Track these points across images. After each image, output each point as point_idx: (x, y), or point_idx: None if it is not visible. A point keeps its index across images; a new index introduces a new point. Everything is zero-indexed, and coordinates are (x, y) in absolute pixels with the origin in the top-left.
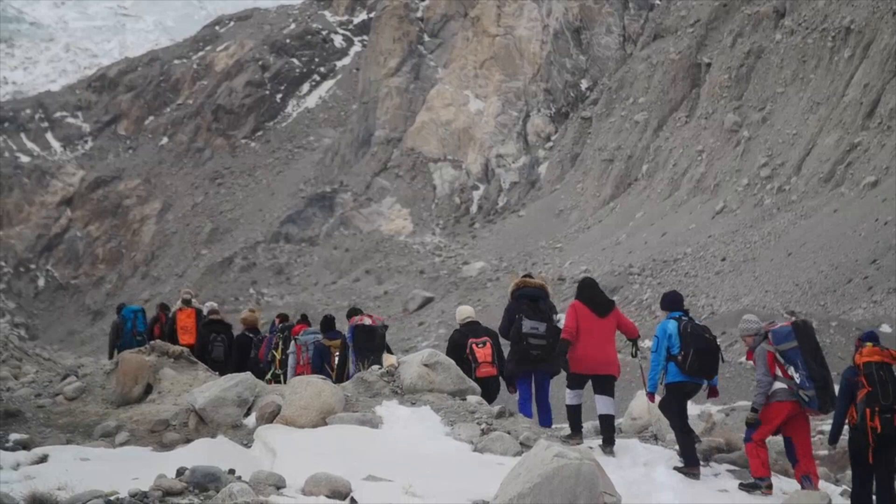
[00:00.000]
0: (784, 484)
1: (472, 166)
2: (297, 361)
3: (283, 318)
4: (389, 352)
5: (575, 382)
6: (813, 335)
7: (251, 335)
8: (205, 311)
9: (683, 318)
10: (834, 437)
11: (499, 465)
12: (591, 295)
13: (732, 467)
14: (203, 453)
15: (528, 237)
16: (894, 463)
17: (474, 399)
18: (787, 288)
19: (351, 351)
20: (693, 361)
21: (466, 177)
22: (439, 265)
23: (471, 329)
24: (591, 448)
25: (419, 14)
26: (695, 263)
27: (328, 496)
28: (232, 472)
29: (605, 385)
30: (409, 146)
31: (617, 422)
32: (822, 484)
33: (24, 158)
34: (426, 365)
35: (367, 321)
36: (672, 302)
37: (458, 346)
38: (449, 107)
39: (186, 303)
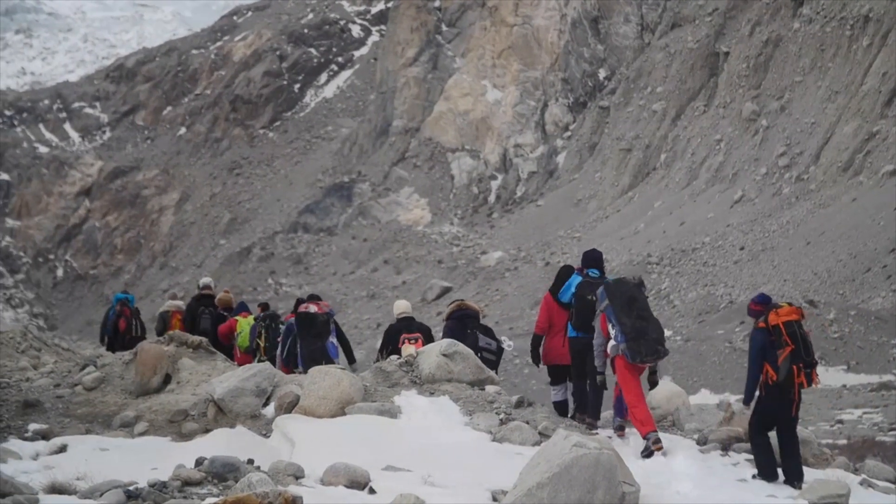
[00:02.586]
0: (806, 473)
1: (490, 156)
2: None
3: (265, 307)
4: (343, 338)
5: (554, 378)
6: (626, 290)
7: (225, 314)
8: (200, 285)
9: (591, 276)
10: (748, 397)
11: (517, 454)
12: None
13: (751, 456)
14: (222, 443)
15: (547, 227)
16: (798, 413)
17: (493, 389)
18: (805, 277)
19: (298, 336)
20: (577, 318)
21: (484, 166)
22: (457, 255)
23: (405, 324)
24: (609, 438)
25: (437, 3)
26: (713, 253)
27: (347, 486)
28: (251, 462)
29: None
30: (426, 136)
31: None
32: (840, 473)
33: (43, 149)
34: (445, 355)
35: (313, 308)
36: (590, 260)
37: (391, 339)
38: (467, 96)
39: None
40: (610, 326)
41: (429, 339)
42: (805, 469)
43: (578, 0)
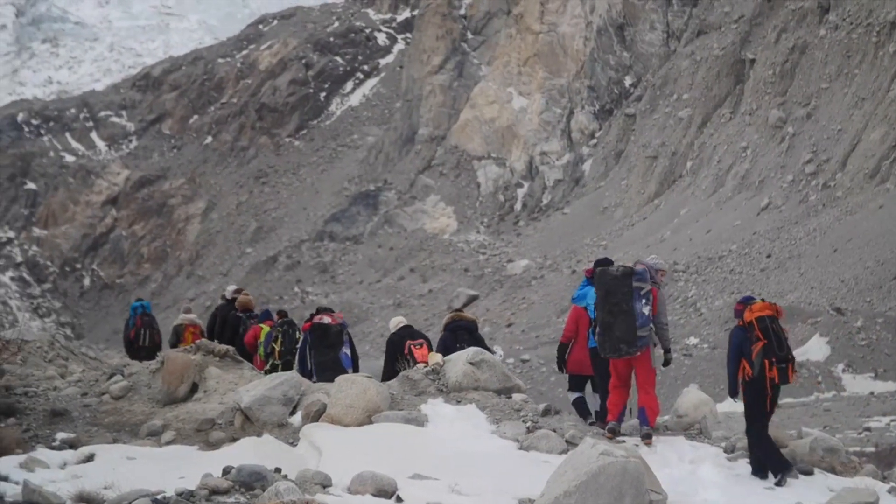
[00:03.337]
0: (831, 481)
1: (516, 164)
2: None
3: (283, 314)
4: (353, 349)
5: (574, 385)
6: (604, 282)
7: (241, 315)
8: (229, 292)
9: None
10: (732, 391)
11: (544, 462)
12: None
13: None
14: (249, 452)
15: (573, 235)
16: (774, 408)
17: (520, 397)
18: (832, 284)
19: (308, 345)
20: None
21: (510, 174)
22: (484, 263)
23: (407, 332)
24: (636, 446)
25: (462, 11)
26: (740, 260)
27: (374, 495)
28: (278, 470)
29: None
30: (452, 144)
31: (663, 419)
32: (869, 481)
33: (70, 158)
34: (471, 363)
35: (326, 320)
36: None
37: (396, 346)
38: (493, 104)
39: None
40: None
41: (430, 345)
42: (833, 477)
43: (604, 7)
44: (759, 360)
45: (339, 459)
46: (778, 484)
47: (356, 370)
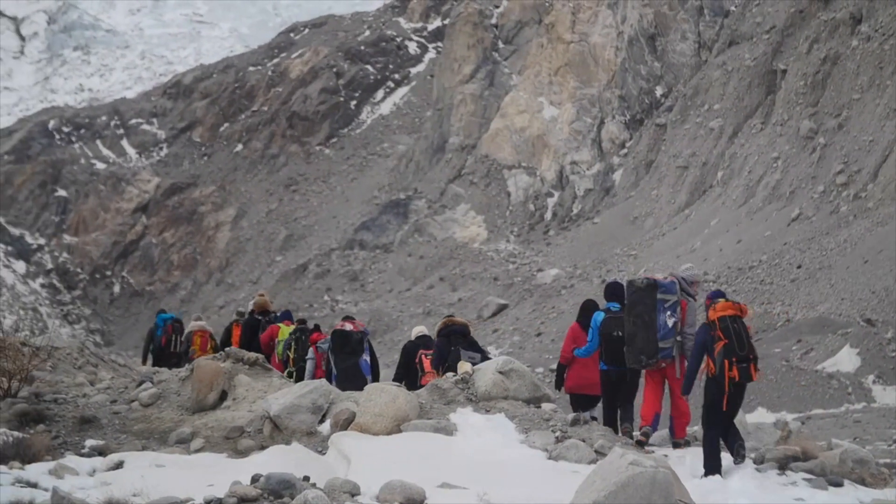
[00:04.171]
0: (861, 492)
1: (547, 173)
2: (316, 366)
3: (301, 321)
4: (374, 356)
5: (576, 406)
6: (630, 294)
7: (259, 318)
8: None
9: (612, 310)
10: (686, 388)
11: (573, 472)
12: (588, 320)
13: (809, 476)
14: (278, 460)
15: (603, 244)
16: (738, 407)
17: (549, 407)
18: (863, 296)
19: (330, 352)
20: (605, 354)
21: (541, 184)
22: (513, 272)
23: (422, 342)
24: (666, 455)
25: (493, 21)
26: (770, 271)
27: (403, 503)
28: (307, 479)
29: (590, 405)
30: (483, 153)
31: (693, 429)
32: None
33: (100, 165)
34: (501, 372)
35: (348, 327)
36: (610, 293)
37: (409, 354)
38: (523, 113)
39: (241, 315)
40: None
41: None
42: (863, 489)
43: (635, 17)
44: (719, 359)
45: (367, 468)
46: (703, 476)
47: (376, 378)
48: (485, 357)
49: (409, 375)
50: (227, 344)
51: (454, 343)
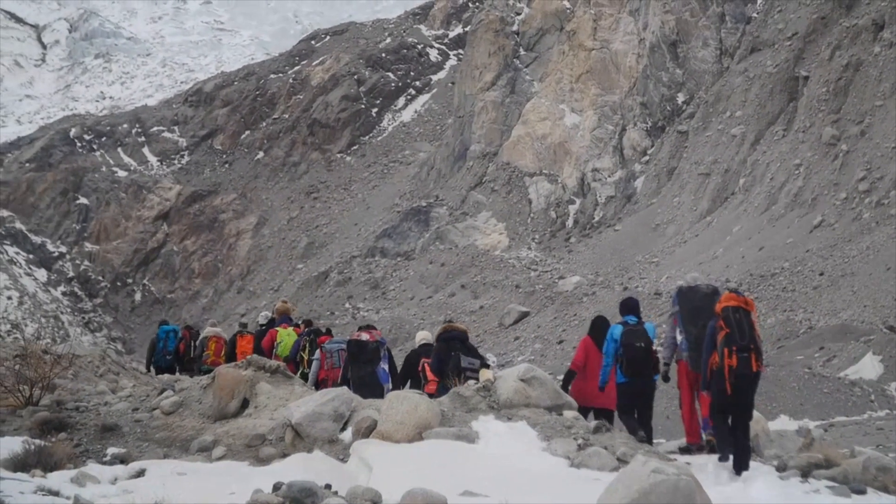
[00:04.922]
0: (884, 500)
1: (568, 180)
2: (320, 367)
3: (309, 323)
4: (392, 366)
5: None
6: (695, 299)
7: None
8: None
9: (630, 323)
10: (704, 383)
11: (595, 480)
12: (601, 335)
13: (832, 483)
14: (299, 468)
15: (625, 251)
16: (751, 405)
17: (571, 414)
18: (885, 303)
19: (349, 361)
20: (627, 365)
21: (562, 191)
22: (535, 280)
23: (425, 350)
24: (688, 463)
25: (515, 28)
26: (792, 278)
27: None
28: (328, 487)
29: (604, 418)
30: (504, 160)
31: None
32: None
33: (121, 173)
34: (522, 380)
35: (365, 336)
36: (626, 308)
37: (412, 363)
38: (545, 121)
39: (244, 327)
40: (678, 331)
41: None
42: (886, 496)
43: (657, 24)
44: (720, 348)
45: (389, 476)
46: (720, 460)
47: (395, 386)
48: (483, 363)
49: (411, 385)
50: (232, 354)
51: (453, 349)
